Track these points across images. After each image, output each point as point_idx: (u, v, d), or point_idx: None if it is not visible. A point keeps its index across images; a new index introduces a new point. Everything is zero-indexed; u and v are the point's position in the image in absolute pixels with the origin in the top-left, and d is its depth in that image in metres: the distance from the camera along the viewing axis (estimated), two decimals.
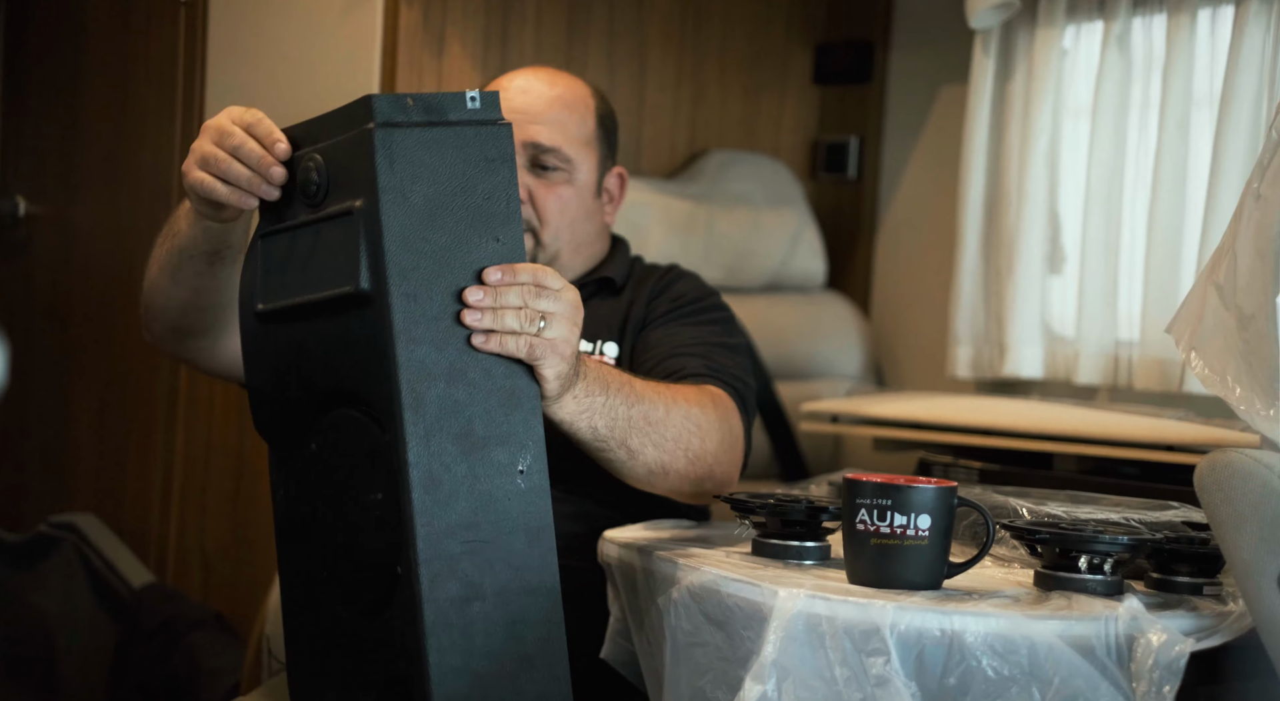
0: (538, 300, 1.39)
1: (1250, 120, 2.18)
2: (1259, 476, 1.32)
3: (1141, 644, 1.28)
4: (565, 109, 1.87)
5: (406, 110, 1.35)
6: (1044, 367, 2.46)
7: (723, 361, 1.78)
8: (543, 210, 1.85)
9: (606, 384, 1.52)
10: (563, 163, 1.86)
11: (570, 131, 1.86)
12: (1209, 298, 1.49)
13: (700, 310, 1.86)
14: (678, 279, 1.92)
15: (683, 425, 1.60)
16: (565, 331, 1.41)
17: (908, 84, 2.75)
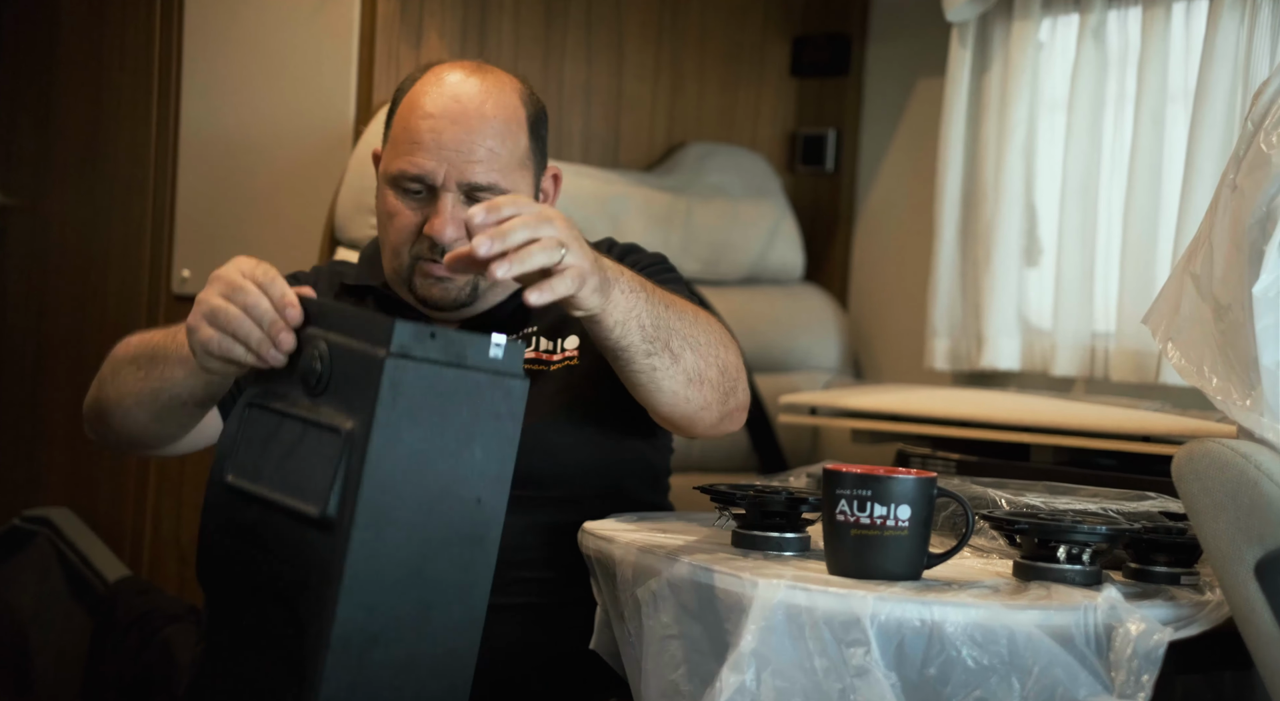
0: (540, 228, 1.36)
1: (1225, 112, 2.19)
2: (1236, 466, 1.32)
3: (1120, 633, 1.29)
4: (498, 138, 1.74)
5: (425, 344, 1.27)
6: (1021, 359, 2.46)
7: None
8: None
9: (641, 283, 1.50)
10: (493, 192, 1.74)
11: (504, 161, 1.74)
12: (1185, 288, 1.49)
13: (659, 272, 1.80)
14: (628, 252, 1.86)
15: (709, 331, 1.58)
16: (581, 249, 1.39)
17: (885, 77, 2.76)
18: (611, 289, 1.46)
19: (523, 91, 1.79)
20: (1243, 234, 1.44)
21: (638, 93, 2.68)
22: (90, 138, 2.84)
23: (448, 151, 1.72)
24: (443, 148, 1.72)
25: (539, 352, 1.75)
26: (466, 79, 1.76)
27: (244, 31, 2.55)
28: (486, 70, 1.79)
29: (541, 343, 1.76)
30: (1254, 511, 1.31)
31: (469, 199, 1.74)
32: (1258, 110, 1.49)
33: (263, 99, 2.53)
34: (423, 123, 1.73)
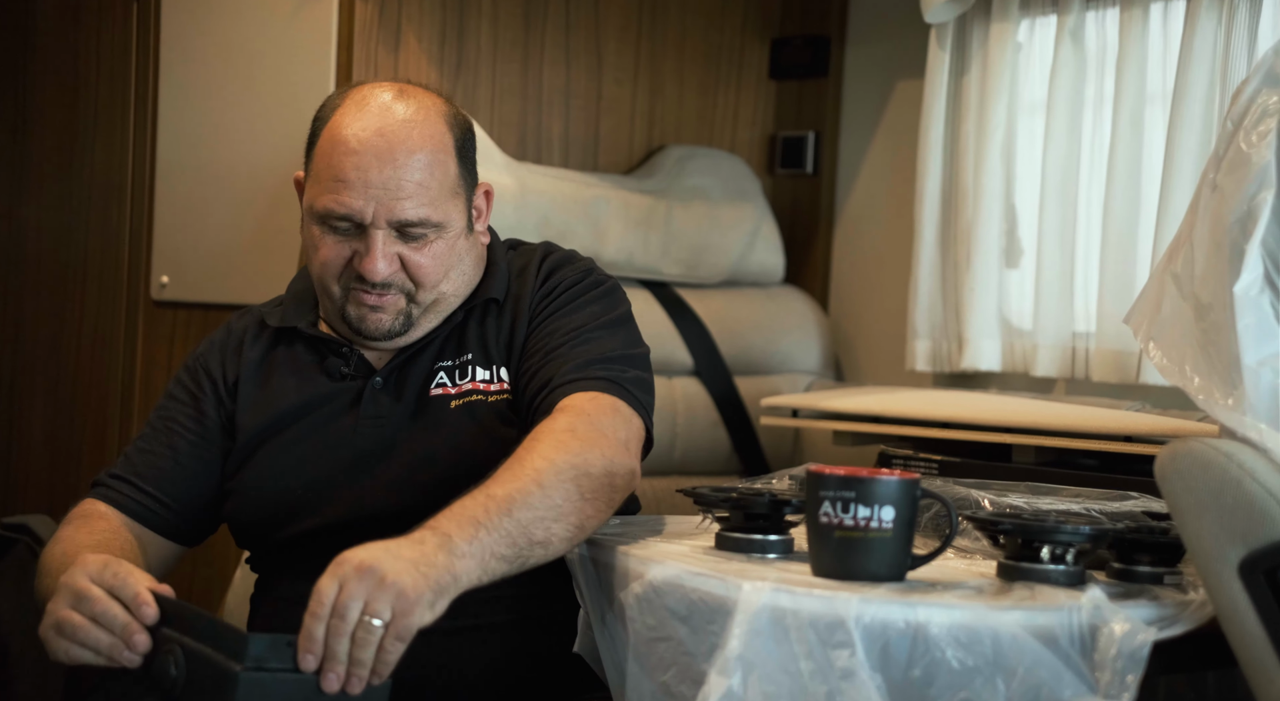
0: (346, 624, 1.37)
1: (1203, 113, 2.20)
2: (1219, 465, 1.32)
3: (1105, 634, 1.29)
4: (426, 171, 1.69)
5: (281, 654, 1.31)
6: (1002, 360, 2.47)
7: (595, 349, 1.70)
8: (416, 274, 1.71)
9: (475, 521, 1.46)
10: (432, 228, 1.71)
11: (433, 193, 1.70)
12: (1166, 288, 1.50)
13: (576, 294, 1.77)
14: (554, 270, 1.80)
15: (559, 480, 1.52)
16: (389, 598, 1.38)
17: (864, 79, 2.76)
18: (455, 565, 1.43)
19: (449, 114, 1.74)
20: (1223, 233, 1.44)
21: (617, 96, 2.67)
22: (67, 145, 2.83)
23: (375, 190, 1.67)
24: (369, 186, 1.67)
25: (476, 383, 1.73)
26: (390, 107, 1.70)
27: (221, 37, 2.54)
28: (410, 94, 1.73)
29: (478, 372, 1.73)
30: (1237, 510, 1.31)
31: (399, 233, 1.70)
32: (1237, 109, 1.49)
33: (240, 105, 2.52)
34: (347, 160, 1.67)
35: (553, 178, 2.48)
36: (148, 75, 2.63)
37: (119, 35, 2.69)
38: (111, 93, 2.71)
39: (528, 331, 1.75)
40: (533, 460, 1.53)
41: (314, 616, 1.38)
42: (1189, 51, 2.21)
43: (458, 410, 1.71)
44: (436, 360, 1.75)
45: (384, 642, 1.37)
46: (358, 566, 1.38)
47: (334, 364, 1.76)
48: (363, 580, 1.38)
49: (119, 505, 1.75)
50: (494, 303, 1.78)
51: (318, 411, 1.74)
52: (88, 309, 2.78)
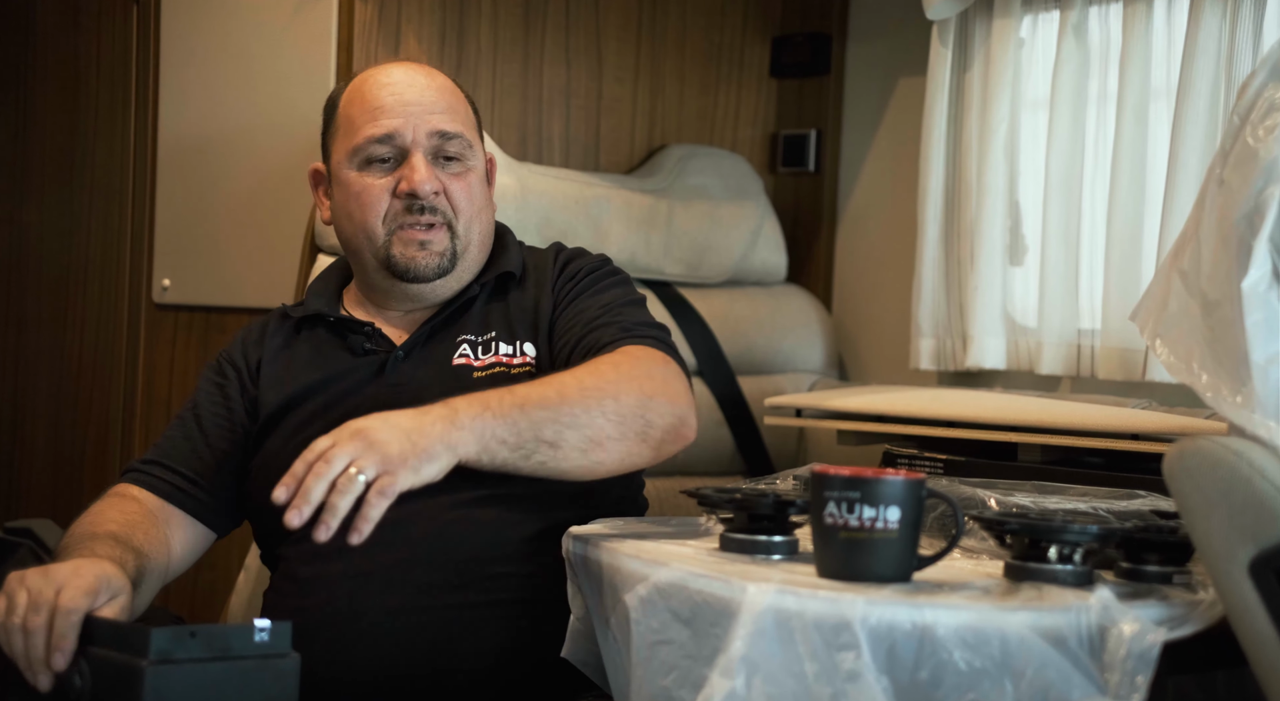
0: (332, 466, 1.44)
1: (1208, 108, 2.18)
2: (1228, 463, 1.31)
3: (1114, 634, 1.28)
4: (454, 96, 1.84)
5: (186, 645, 1.32)
6: (1006, 358, 2.45)
7: (633, 318, 1.77)
8: (455, 200, 1.81)
9: (485, 403, 1.54)
10: (465, 149, 1.82)
11: (463, 118, 1.84)
12: (1173, 284, 1.48)
13: (598, 278, 1.84)
14: (571, 258, 1.89)
15: (585, 394, 1.58)
16: (376, 459, 1.46)
17: (865, 76, 2.75)
18: (451, 435, 1.51)
19: (454, 83, 1.89)
20: (1230, 229, 1.43)
21: (617, 95, 2.66)
22: (67, 147, 2.82)
23: (411, 107, 1.79)
24: (407, 105, 1.79)
25: (499, 356, 1.78)
26: (407, 65, 1.86)
27: (221, 38, 2.53)
28: (416, 65, 1.87)
29: (501, 347, 1.79)
30: (1247, 509, 1.30)
31: (435, 156, 1.80)
32: (1243, 104, 1.48)
33: (241, 106, 2.51)
34: (381, 92, 1.80)
35: (554, 178, 2.47)
36: (148, 77, 2.62)
37: (119, 37, 2.68)
38: (112, 95, 2.70)
39: (554, 309, 1.81)
40: (562, 375, 1.62)
41: (301, 459, 1.47)
42: (1193, 46, 2.19)
43: (481, 380, 1.75)
44: (459, 335, 1.81)
45: (367, 496, 1.44)
46: (353, 430, 1.48)
47: (356, 341, 1.82)
48: (354, 440, 1.47)
49: (152, 488, 1.77)
50: (510, 277, 1.85)
51: (339, 384, 1.79)
52: (89, 312, 2.78)
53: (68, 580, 1.44)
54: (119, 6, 2.68)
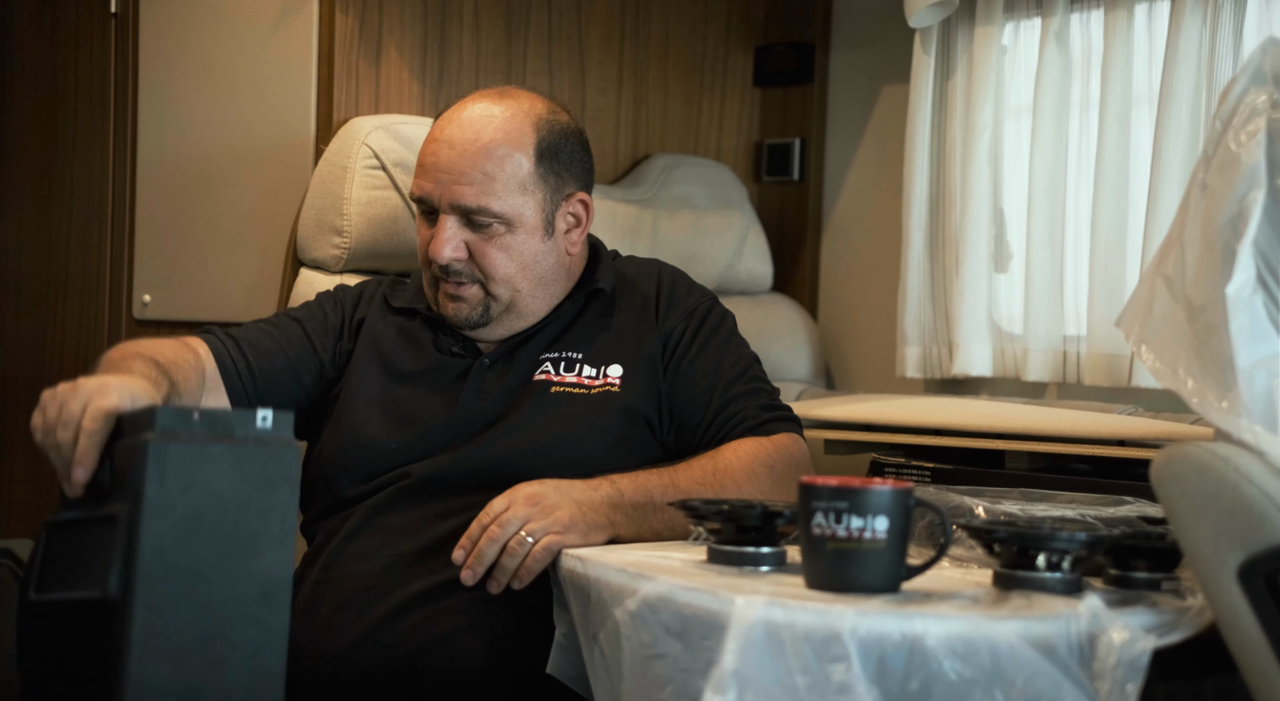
0: (505, 531, 1.59)
1: (1189, 113, 2.19)
2: (1216, 469, 1.31)
3: (1103, 642, 1.27)
4: (492, 161, 1.81)
5: (190, 422, 1.36)
6: (993, 365, 2.45)
7: (767, 391, 1.84)
8: (483, 264, 1.83)
9: (650, 497, 1.66)
10: (494, 218, 1.82)
11: (498, 186, 1.81)
12: (1158, 290, 1.48)
13: (716, 327, 1.87)
14: (678, 291, 1.91)
15: None
16: (546, 523, 1.59)
17: (849, 84, 2.75)
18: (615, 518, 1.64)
19: (541, 117, 1.85)
20: (1214, 233, 1.43)
21: (601, 105, 2.66)
22: (46, 163, 2.80)
23: (441, 174, 1.82)
24: (439, 170, 1.82)
25: (580, 377, 1.82)
26: (479, 103, 1.85)
27: (201, 51, 2.52)
28: (509, 96, 1.87)
29: (585, 369, 1.82)
30: (1235, 514, 1.30)
31: (468, 221, 1.82)
32: (1225, 108, 1.48)
33: (221, 120, 2.50)
34: (428, 148, 1.84)
35: None
36: (127, 92, 2.61)
37: (98, 52, 2.67)
38: (91, 110, 2.69)
39: (666, 352, 1.84)
40: (728, 473, 1.71)
41: (478, 522, 1.60)
42: (1174, 52, 2.20)
43: (558, 396, 1.79)
44: (544, 350, 1.85)
45: (532, 552, 1.59)
46: (529, 495, 1.61)
47: (446, 342, 1.87)
48: (528, 505, 1.60)
49: (215, 351, 1.81)
50: (600, 292, 1.88)
51: (426, 378, 1.84)
52: (69, 328, 2.76)
53: (92, 397, 1.45)
54: (98, 21, 2.67)
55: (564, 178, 1.86)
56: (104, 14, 2.65)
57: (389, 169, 2.26)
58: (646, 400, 1.81)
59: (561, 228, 1.87)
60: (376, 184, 2.25)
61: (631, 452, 1.78)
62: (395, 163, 2.26)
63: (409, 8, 2.42)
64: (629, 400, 1.79)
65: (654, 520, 1.66)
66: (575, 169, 1.88)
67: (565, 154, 1.86)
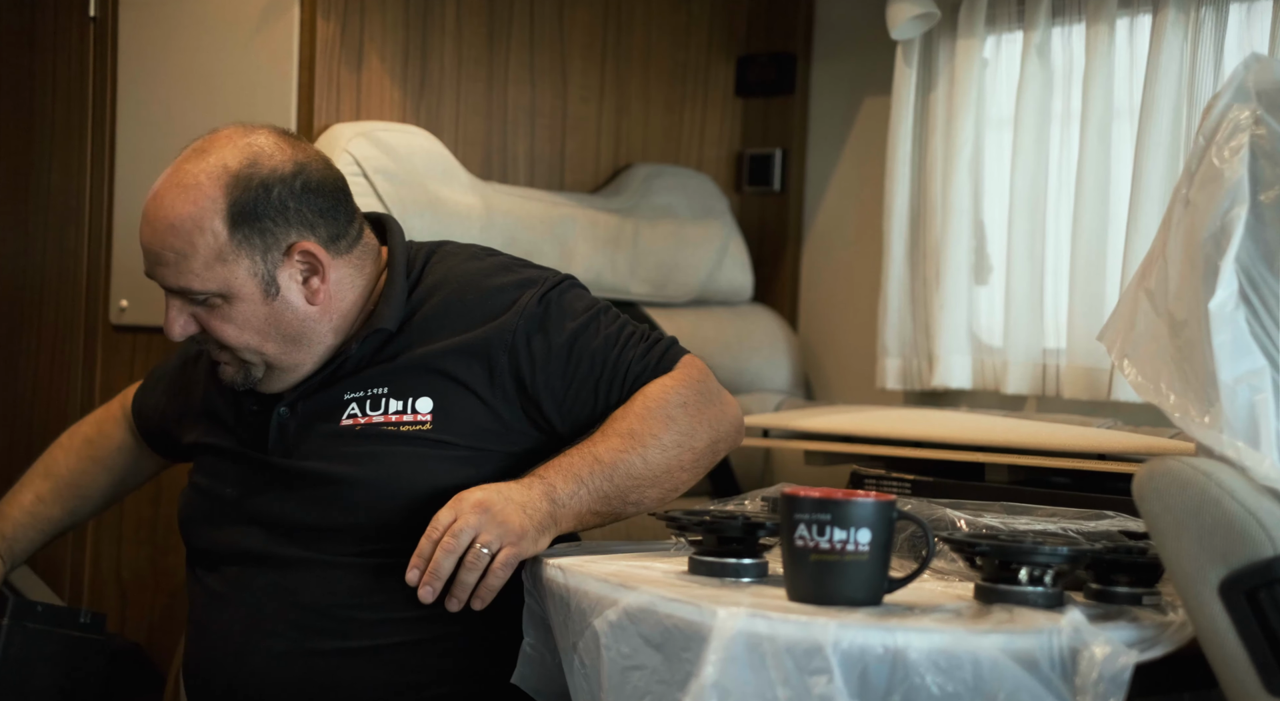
0: (459, 545, 1.55)
1: (1170, 128, 2.20)
2: (1198, 484, 1.31)
3: (1085, 656, 1.27)
4: (180, 239, 1.69)
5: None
6: (972, 378, 2.45)
7: (632, 330, 1.76)
8: (218, 335, 1.73)
9: (578, 478, 1.62)
10: (210, 295, 1.71)
11: (194, 264, 1.69)
12: (1140, 304, 1.48)
13: (575, 333, 1.73)
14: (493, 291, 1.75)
15: (664, 455, 1.67)
16: (499, 532, 1.56)
17: (830, 95, 2.75)
18: (555, 513, 1.60)
19: (234, 175, 1.70)
20: (1197, 249, 1.43)
21: (582, 114, 2.65)
22: (23, 168, 2.78)
23: (146, 255, 1.75)
24: (144, 251, 1.75)
25: (388, 415, 1.71)
26: (177, 169, 1.74)
27: (180, 56, 2.50)
28: (204, 153, 1.73)
29: (391, 404, 1.72)
30: (1216, 530, 1.30)
31: (188, 297, 1.73)
32: (1209, 124, 1.48)
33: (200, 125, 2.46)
34: (141, 223, 1.76)
35: (519, 197, 2.46)
36: (105, 97, 2.59)
37: (76, 56, 2.65)
38: (68, 115, 2.67)
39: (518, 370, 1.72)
40: (645, 431, 1.66)
41: (428, 538, 1.56)
42: (1155, 67, 2.20)
43: (369, 438, 1.71)
44: (345, 391, 1.75)
45: (492, 568, 1.56)
46: (474, 503, 1.57)
47: (244, 400, 1.81)
48: (477, 513, 1.56)
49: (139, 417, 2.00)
50: (382, 332, 1.75)
51: (237, 433, 1.80)
52: (45, 334, 2.74)
53: None
54: (76, 24, 2.65)
55: (274, 234, 1.70)
56: (83, 18, 2.64)
57: (370, 176, 2.25)
58: (474, 419, 1.70)
59: (291, 285, 1.72)
60: (357, 190, 2.22)
61: (477, 465, 1.69)
62: (376, 170, 2.25)
63: (390, 14, 2.41)
64: (442, 435, 1.70)
65: (588, 502, 1.62)
66: (291, 218, 1.71)
67: (272, 208, 1.70)
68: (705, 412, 1.70)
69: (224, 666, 1.71)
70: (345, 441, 1.71)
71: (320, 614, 1.68)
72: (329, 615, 1.68)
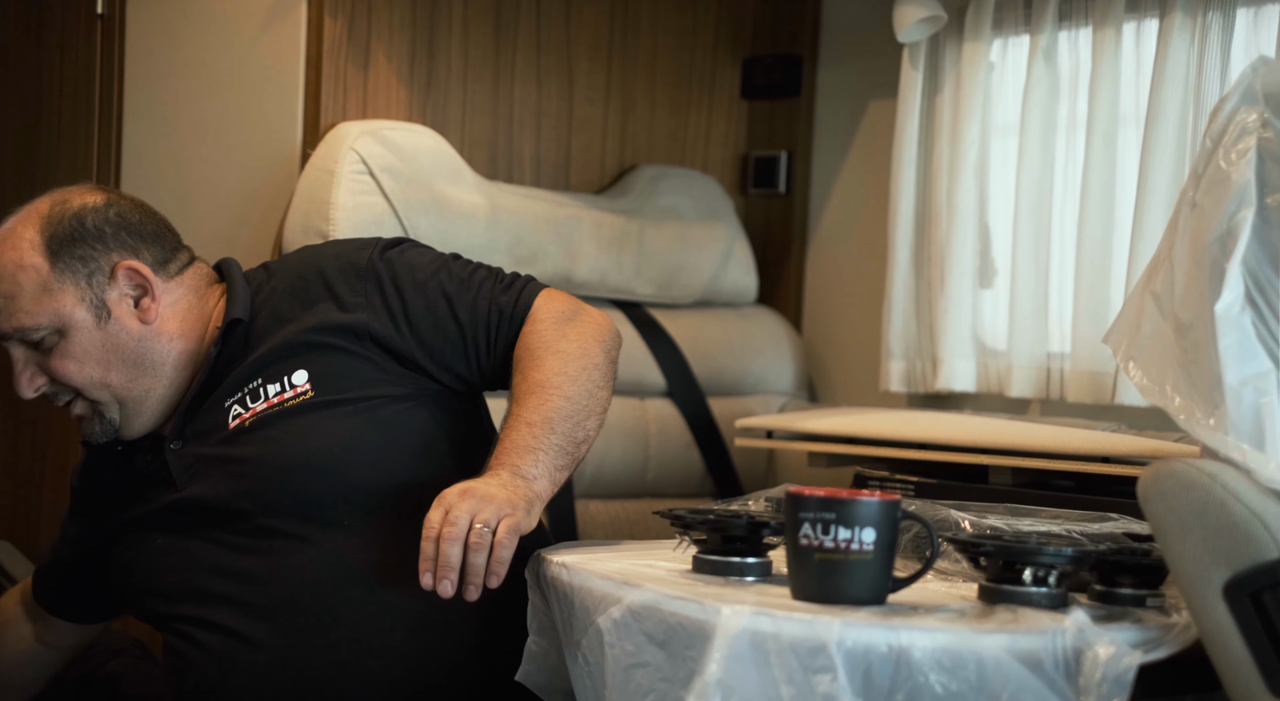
0: (460, 531, 1.51)
1: (1176, 132, 2.19)
2: (1203, 486, 1.31)
3: (1089, 657, 1.27)
4: (4, 283, 1.74)
5: None
6: (976, 381, 2.45)
7: (494, 279, 1.78)
8: (62, 375, 1.74)
9: (530, 448, 1.61)
10: (35, 332, 1.73)
11: (19, 301, 1.73)
12: (1146, 307, 1.49)
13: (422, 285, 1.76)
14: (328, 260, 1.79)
15: (577, 386, 1.68)
16: (493, 508, 1.53)
17: (836, 98, 2.75)
18: (532, 487, 1.59)
19: (45, 214, 1.76)
20: (1203, 251, 1.43)
21: (588, 115, 2.66)
22: (29, 165, 2.79)
23: None
24: None
25: (269, 400, 1.72)
26: None
27: (187, 56, 2.51)
28: (15, 214, 1.78)
29: (269, 389, 1.73)
30: (1221, 532, 1.30)
31: (30, 345, 1.74)
32: (1216, 127, 1.48)
33: (207, 124, 2.49)
34: None
35: (524, 197, 2.46)
36: (112, 94, 2.59)
37: (83, 53, 2.66)
38: (75, 112, 2.68)
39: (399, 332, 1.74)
40: (548, 376, 1.67)
41: (426, 538, 1.52)
42: (1162, 71, 2.20)
43: (263, 427, 1.71)
44: (222, 398, 1.75)
45: (497, 540, 1.51)
46: (458, 493, 1.54)
47: (142, 459, 1.79)
48: (465, 500, 1.53)
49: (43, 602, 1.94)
50: (237, 323, 1.77)
51: (138, 498, 1.77)
52: None
53: None
54: (83, 22, 2.66)
55: (94, 258, 1.74)
56: (90, 15, 2.64)
57: (376, 174, 2.25)
58: (362, 368, 1.72)
59: (123, 306, 1.75)
60: (363, 189, 2.24)
61: (373, 411, 1.70)
62: (382, 168, 2.26)
63: (398, 14, 2.42)
64: (328, 395, 1.71)
65: (550, 462, 1.62)
66: (109, 242, 1.76)
67: (88, 234, 1.75)
68: (583, 332, 1.73)
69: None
70: (241, 440, 1.71)
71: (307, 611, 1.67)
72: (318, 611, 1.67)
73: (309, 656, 1.66)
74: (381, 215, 2.24)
